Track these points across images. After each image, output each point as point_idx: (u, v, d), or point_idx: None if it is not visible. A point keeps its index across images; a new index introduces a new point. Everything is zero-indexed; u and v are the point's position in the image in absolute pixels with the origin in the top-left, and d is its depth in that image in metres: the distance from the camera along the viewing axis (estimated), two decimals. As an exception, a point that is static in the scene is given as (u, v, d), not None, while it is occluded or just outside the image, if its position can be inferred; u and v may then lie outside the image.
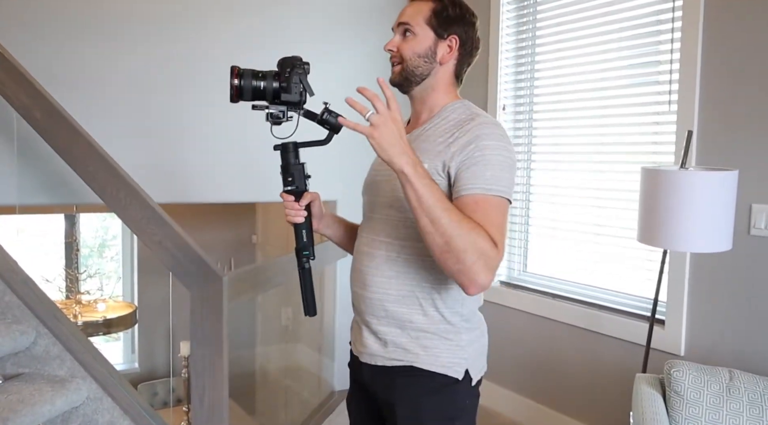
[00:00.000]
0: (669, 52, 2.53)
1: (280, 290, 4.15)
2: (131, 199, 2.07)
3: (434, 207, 1.23)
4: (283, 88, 1.41)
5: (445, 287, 1.43)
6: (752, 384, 1.94)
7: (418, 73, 1.47)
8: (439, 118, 1.47)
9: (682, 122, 2.45)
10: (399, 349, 1.44)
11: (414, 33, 1.46)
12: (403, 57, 1.47)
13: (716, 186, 1.98)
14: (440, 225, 1.23)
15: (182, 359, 4.43)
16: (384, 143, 1.23)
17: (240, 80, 1.39)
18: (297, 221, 1.51)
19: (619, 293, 2.79)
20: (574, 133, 3.00)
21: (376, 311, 1.47)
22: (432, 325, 1.43)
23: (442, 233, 1.23)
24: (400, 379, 1.44)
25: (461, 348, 1.44)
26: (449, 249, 1.24)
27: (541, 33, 3.13)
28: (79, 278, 4.84)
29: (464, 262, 1.23)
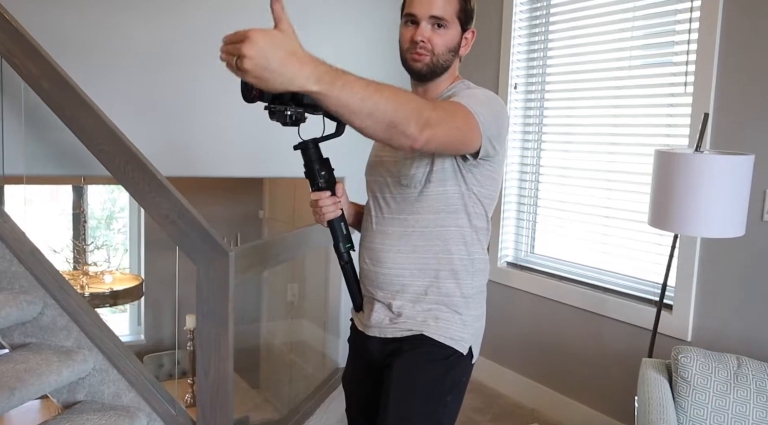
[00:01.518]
0: (686, 32, 2.48)
1: (286, 265, 4.15)
2: (139, 172, 2.05)
3: (365, 100, 1.07)
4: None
5: (459, 258, 1.48)
6: (760, 371, 1.93)
7: (445, 66, 1.49)
8: (441, 98, 1.50)
9: (697, 104, 2.41)
10: (410, 320, 1.49)
11: (447, 27, 1.45)
12: (434, 50, 1.46)
13: (731, 171, 1.95)
14: (377, 112, 1.09)
15: (188, 332, 4.46)
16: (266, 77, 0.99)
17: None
18: (335, 215, 1.50)
19: (626, 277, 2.77)
20: (586, 114, 2.96)
21: (391, 286, 1.51)
22: (445, 298, 1.48)
23: (384, 117, 1.10)
24: (407, 345, 1.48)
25: (467, 324, 1.50)
26: (392, 125, 1.12)
27: (556, 11, 3.07)
28: (86, 249, 4.86)
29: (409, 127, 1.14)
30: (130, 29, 2.81)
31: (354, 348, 1.69)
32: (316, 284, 3.99)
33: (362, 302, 1.62)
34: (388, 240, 1.50)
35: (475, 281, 1.51)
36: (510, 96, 3.26)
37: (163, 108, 2.93)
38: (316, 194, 1.48)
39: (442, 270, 1.48)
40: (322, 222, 1.54)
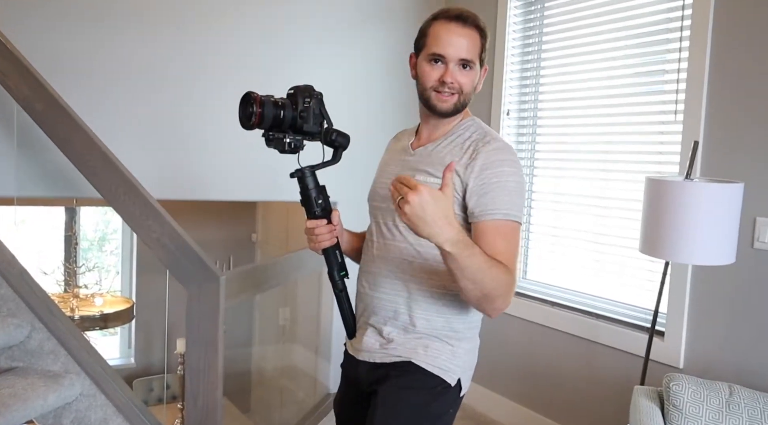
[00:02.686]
0: (676, 61, 2.51)
1: (278, 290, 4.13)
2: (130, 195, 2.05)
3: (476, 272, 1.28)
4: (302, 118, 1.40)
5: (454, 295, 1.48)
6: (752, 400, 1.92)
7: (466, 104, 1.53)
8: (454, 135, 1.52)
9: (687, 132, 2.43)
10: (400, 347, 1.50)
11: (472, 67, 1.50)
12: (462, 89, 1.49)
13: (721, 198, 1.96)
14: (481, 284, 1.29)
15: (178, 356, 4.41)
16: (419, 225, 1.21)
17: (262, 108, 1.35)
18: (331, 244, 1.52)
19: (619, 304, 2.76)
20: (578, 140, 2.98)
21: (385, 312, 1.52)
22: (436, 330, 1.49)
23: (482, 289, 1.30)
24: (394, 371, 1.49)
25: (458, 356, 1.50)
26: (486, 297, 1.32)
27: (548, 38, 3.11)
28: (77, 271, 4.82)
29: (497, 303, 1.34)
30: (122, 52, 2.83)
31: (345, 373, 1.70)
32: (308, 308, 3.97)
33: (356, 329, 1.62)
34: (387, 266, 1.52)
35: (470, 316, 1.52)
36: (502, 122, 3.28)
37: (156, 131, 2.94)
38: (313, 222, 1.49)
39: (438, 303, 1.48)
40: (317, 250, 1.55)
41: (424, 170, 1.50)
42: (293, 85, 1.43)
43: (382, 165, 1.71)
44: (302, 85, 1.43)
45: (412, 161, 1.55)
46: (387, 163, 1.68)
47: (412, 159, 1.56)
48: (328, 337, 3.55)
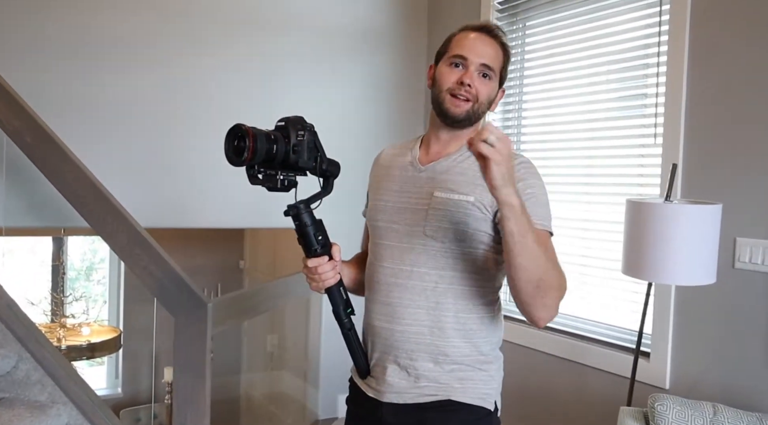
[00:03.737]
0: (655, 86, 2.58)
1: (266, 316, 4.13)
2: (118, 224, 2.07)
3: (534, 249, 1.22)
4: (296, 152, 1.27)
5: (479, 317, 1.42)
6: (736, 419, 1.94)
7: (479, 117, 1.47)
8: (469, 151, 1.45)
9: (667, 155, 2.49)
10: (432, 383, 1.39)
11: (491, 79, 1.46)
12: (478, 97, 1.44)
13: (701, 219, 2.00)
14: (536, 262, 1.23)
15: (166, 384, 4.37)
16: (505, 170, 1.16)
17: (255, 143, 1.22)
18: (334, 282, 1.40)
19: (604, 325, 2.79)
20: (560, 164, 3.03)
21: (408, 345, 1.40)
22: (467, 357, 1.40)
23: (537, 270, 1.23)
24: (433, 414, 1.38)
25: (492, 378, 1.44)
26: (539, 281, 1.24)
27: (529, 64, 3.18)
28: (64, 301, 4.79)
29: (548, 294, 1.26)
30: (109, 83, 2.87)
31: (357, 412, 1.55)
32: (296, 334, 3.96)
33: (369, 369, 1.49)
34: (407, 295, 1.40)
35: (494, 335, 1.46)
36: (487, 147, 3.33)
37: (144, 160, 2.96)
38: (314, 260, 1.36)
39: (465, 328, 1.39)
40: (319, 290, 1.42)
41: (446, 186, 1.40)
42: (283, 117, 1.33)
43: (378, 180, 1.57)
44: (293, 117, 1.32)
45: (425, 177, 1.45)
46: (388, 179, 1.53)
47: (423, 175, 1.45)
48: (316, 363, 3.55)
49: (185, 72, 3.05)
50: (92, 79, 2.84)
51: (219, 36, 3.13)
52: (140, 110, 2.95)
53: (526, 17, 3.17)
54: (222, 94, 3.12)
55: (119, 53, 2.90)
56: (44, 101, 2.54)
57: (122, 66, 2.90)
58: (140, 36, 2.95)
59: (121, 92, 2.91)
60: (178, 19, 3.02)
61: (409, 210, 1.43)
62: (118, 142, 2.90)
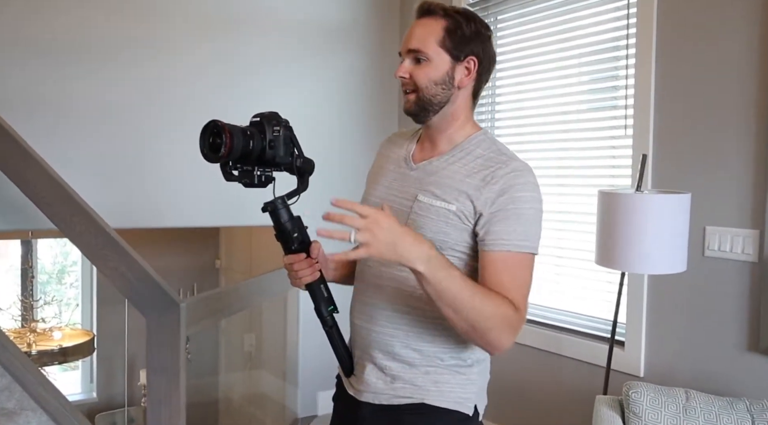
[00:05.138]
0: (625, 79, 2.60)
1: (243, 316, 4.09)
2: (86, 224, 2.02)
3: (456, 299, 1.18)
4: (272, 148, 1.28)
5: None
6: (708, 404, 1.97)
7: (436, 102, 1.35)
8: (463, 151, 1.37)
9: (637, 146, 2.51)
10: (408, 385, 1.37)
11: (428, 59, 1.33)
12: (417, 85, 1.34)
13: (670, 209, 2.03)
14: (463, 313, 1.19)
15: (142, 387, 4.32)
16: (385, 252, 1.13)
17: (231, 139, 1.21)
18: (312, 279, 1.39)
19: (579, 315, 2.81)
20: (535, 156, 3.04)
21: (384, 347, 1.38)
22: (444, 361, 1.37)
23: (466, 319, 1.20)
24: (408, 417, 1.36)
25: (471, 382, 1.40)
26: (474, 329, 1.21)
27: (502, 58, 3.18)
28: (34, 305, 4.70)
29: (490, 337, 1.23)
30: (74, 82, 2.82)
31: (340, 409, 1.54)
32: (274, 333, 3.94)
33: (353, 366, 1.47)
34: (385, 297, 1.38)
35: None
36: (460, 141, 3.33)
37: (112, 160, 2.91)
38: (290, 257, 1.36)
39: (444, 334, 1.35)
40: (299, 286, 1.41)
41: (430, 190, 1.35)
42: (257, 113, 1.31)
43: (374, 173, 1.53)
44: (267, 113, 1.31)
45: (414, 177, 1.40)
46: (382, 172, 1.49)
47: (414, 174, 1.40)
48: (294, 361, 3.53)
49: (155, 70, 3.00)
50: (59, 77, 2.78)
51: (190, 34, 3.08)
52: (110, 108, 2.90)
53: (498, 11, 3.17)
54: (192, 92, 3.08)
55: (88, 52, 2.85)
56: (8, 100, 2.49)
57: (90, 64, 2.85)
58: (110, 34, 2.89)
59: (88, 91, 2.85)
60: (148, 17, 2.97)
61: (393, 210, 1.34)
62: (87, 142, 2.85)
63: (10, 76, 2.68)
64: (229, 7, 3.17)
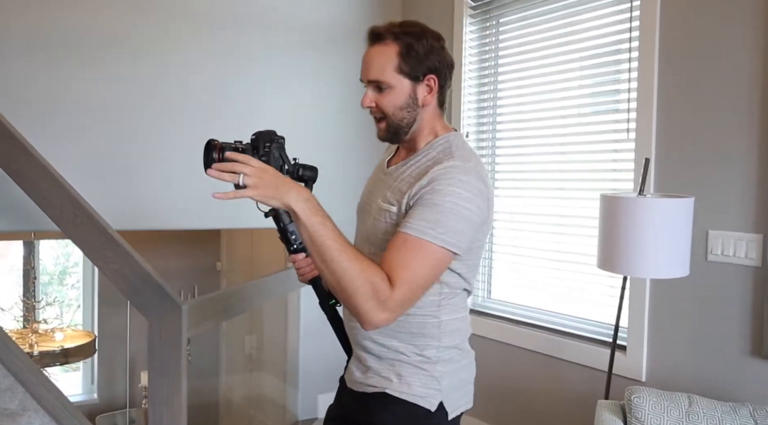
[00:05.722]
0: (627, 82, 2.60)
1: (244, 318, 4.09)
2: (88, 226, 2.02)
3: (325, 246, 1.24)
4: (263, 162, 1.39)
5: (421, 323, 1.43)
6: (711, 409, 1.96)
7: (405, 124, 1.43)
8: (421, 155, 1.44)
9: (640, 149, 2.51)
10: (376, 376, 1.46)
11: (390, 86, 1.39)
12: (384, 112, 1.42)
13: (673, 213, 2.02)
14: (331, 265, 1.24)
15: (143, 389, 4.32)
16: (267, 192, 1.25)
17: (221, 154, 1.36)
18: (313, 275, 1.54)
19: (581, 320, 2.81)
20: (536, 160, 3.05)
21: (361, 341, 1.48)
22: (407, 357, 1.44)
23: (333, 273, 1.24)
24: (375, 405, 1.45)
25: (435, 379, 1.43)
26: (341, 289, 1.25)
27: (504, 61, 3.19)
28: (36, 306, 4.70)
29: (355, 303, 1.24)
30: (78, 81, 2.81)
31: (339, 388, 1.65)
32: (275, 336, 3.93)
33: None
34: None
35: (443, 342, 1.45)
36: (463, 144, 3.33)
37: (116, 160, 2.91)
38: (292, 256, 1.52)
39: (405, 331, 1.42)
40: (304, 281, 1.58)
41: (385, 194, 1.44)
42: (256, 131, 1.44)
43: (369, 178, 1.64)
44: (265, 131, 1.44)
45: (385, 181, 1.49)
46: (371, 177, 1.61)
47: (385, 178, 1.50)
48: (295, 364, 3.52)
49: (157, 69, 3.00)
50: (60, 76, 2.78)
51: (192, 33, 3.08)
52: (112, 109, 2.89)
53: (500, 14, 3.17)
54: (195, 93, 3.08)
55: (88, 49, 2.84)
56: (10, 100, 2.49)
57: (91, 63, 2.84)
58: (110, 31, 2.88)
59: (91, 91, 2.85)
60: (148, 15, 2.97)
61: (366, 212, 1.50)
62: (89, 142, 2.85)
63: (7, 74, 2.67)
64: (230, 6, 3.17)
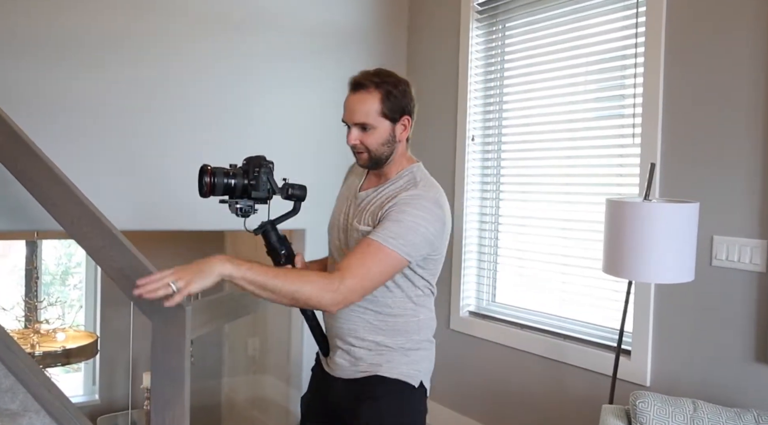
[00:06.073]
0: (633, 87, 2.59)
1: (247, 319, 4.09)
2: (91, 226, 2.02)
3: (267, 283, 1.48)
4: (252, 186, 1.59)
5: (406, 320, 1.76)
6: (715, 415, 1.95)
7: (385, 157, 1.72)
8: (390, 183, 1.74)
9: (645, 154, 2.50)
10: (365, 364, 1.75)
11: (373, 127, 1.67)
12: (368, 148, 1.70)
13: (678, 218, 2.01)
14: (281, 292, 1.50)
15: (145, 390, 4.31)
16: (197, 277, 1.46)
17: (212, 178, 1.53)
18: None
19: (585, 324, 2.80)
20: (541, 164, 3.04)
21: (347, 338, 1.77)
22: (392, 347, 1.75)
23: (285, 295, 1.50)
24: (367, 386, 1.73)
25: (416, 362, 1.77)
26: (297, 301, 1.54)
27: (510, 65, 3.18)
28: (38, 306, 4.70)
29: (314, 303, 1.55)
30: (81, 82, 2.81)
31: (316, 379, 1.94)
32: (278, 338, 3.93)
33: (328, 350, 1.86)
34: None
35: (421, 335, 1.79)
36: (468, 148, 3.33)
37: (120, 161, 2.92)
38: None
39: (392, 329, 1.74)
40: None
41: (360, 217, 1.71)
42: (247, 157, 1.62)
43: (339, 197, 1.90)
44: (254, 157, 1.62)
45: (358, 204, 1.77)
46: (342, 198, 1.87)
47: (356, 202, 1.78)
48: (298, 367, 3.51)
49: (160, 70, 3.00)
50: (64, 77, 2.78)
51: (194, 35, 3.08)
52: (115, 109, 2.90)
53: (506, 18, 3.17)
54: (198, 94, 3.08)
55: (91, 51, 2.84)
56: (13, 100, 2.48)
57: (95, 64, 2.85)
58: (113, 33, 2.89)
59: (94, 91, 2.85)
60: (151, 16, 2.97)
61: (342, 230, 1.78)
62: (93, 142, 2.85)
63: (12, 74, 2.67)
64: (233, 8, 3.17)
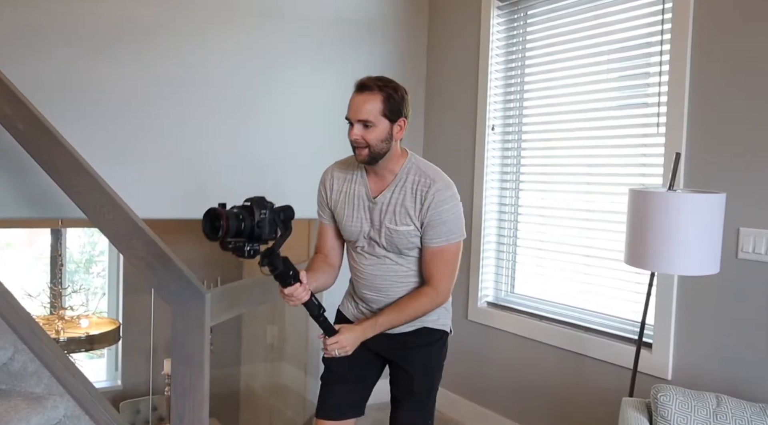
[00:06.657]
0: (657, 75, 2.54)
1: (266, 307, 4.11)
2: (114, 214, 2.04)
3: (397, 322, 1.94)
4: (259, 227, 1.65)
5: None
6: (740, 409, 1.92)
7: (383, 153, 1.89)
8: (401, 181, 1.93)
9: (670, 144, 2.46)
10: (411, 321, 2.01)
11: (375, 125, 1.85)
12: (368, 143, 1.86)
13: (704, 209, 1.98)
14: (401, 322, 1.96)
15: (165, 376, 4.37)
16: (355, 346, 1.88)
17: (228, 222, 1.58)
18: (307, 298, 1.83)
19: (606, 316, 2.77)
20: (563, 154, 3.01)
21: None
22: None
23: (407, 321, 1.96)
24: (416, 336, 2.03)
25: (448, 312, 2.11)
26: (413, 319, 1.98)
27: (531, 54, 3.15)
28: (62, 293, 4.77)
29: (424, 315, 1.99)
30: (106, 71, 2.84)
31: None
32: (296, 326, 3.94)
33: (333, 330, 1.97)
34: (386, 281, 2.01)
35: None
36: (488, 137, 3.30)
37: (144, 150, 2.94)
38: (289, 289, 1.78)
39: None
40: (296, 305, 1.86)
41: (390, 218, 1.93)
42: (248, 197, 1.67)
43: (343, 203, 2.02)
44: (256, 198, 1.67)
45: (377, 209, 1.95)
46: (349, 205, 2.00)
47: (376, 207, 1.95)
48: (316, 354, 3.53)
49: (185, 60, 3.02)
50: (89, 67, 2.81)
51: (220, 25, 3.09)
52: (139, 99, 2.92)
53: (528, 6, 3.13)
54: (221, 84, 3.09)
55: (117, 41, 2.86)
56: (40, 89, 2.51)
57: (120, 54, 2.87)
58: (140, 24, 2.91)
59: (117, 81, 2.87)
60: (178, 7, 2.98)
61: (374, 230, 1.98)
62: (117, 131, 2.87)
63: (39, 64, 2.70)
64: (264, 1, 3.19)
